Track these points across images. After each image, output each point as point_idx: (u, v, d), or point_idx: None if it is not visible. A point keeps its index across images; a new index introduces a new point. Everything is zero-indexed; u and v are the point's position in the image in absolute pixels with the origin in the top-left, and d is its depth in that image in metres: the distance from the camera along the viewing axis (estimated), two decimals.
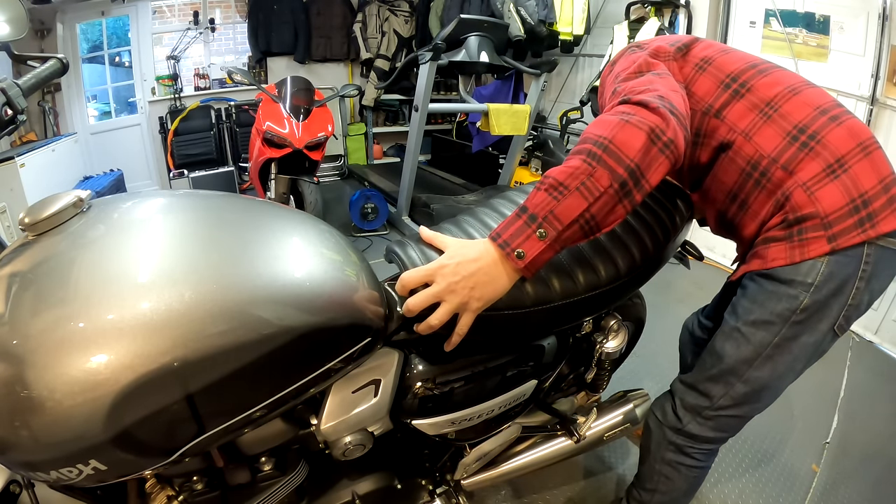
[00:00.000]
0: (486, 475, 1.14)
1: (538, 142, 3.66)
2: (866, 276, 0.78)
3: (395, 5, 4.44)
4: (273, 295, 0.57)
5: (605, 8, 3.57)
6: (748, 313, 0.86)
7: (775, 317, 0.83)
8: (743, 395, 0.90)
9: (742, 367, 0.88)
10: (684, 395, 0.98)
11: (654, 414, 1.04)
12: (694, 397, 0.96)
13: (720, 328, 0.93)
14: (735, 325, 0.88)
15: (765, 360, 0.86)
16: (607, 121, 0.68)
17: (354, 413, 0.78)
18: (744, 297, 0.88)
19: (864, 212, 0.75)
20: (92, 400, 0.47)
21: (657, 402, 1.06)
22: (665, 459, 1.02)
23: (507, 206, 0.94)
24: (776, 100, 0.82)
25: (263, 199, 2.14)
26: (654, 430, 1.03)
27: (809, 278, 0.78)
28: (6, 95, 0.84)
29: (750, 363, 0.87)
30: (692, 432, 0.97)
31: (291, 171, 2.65)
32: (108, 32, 3.84)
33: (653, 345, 1.47)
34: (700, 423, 0.95)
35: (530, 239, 0.65)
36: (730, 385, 0.90)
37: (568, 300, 0.83)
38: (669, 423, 1.00)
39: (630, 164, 0.64)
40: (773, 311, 0.83)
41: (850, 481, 1.52)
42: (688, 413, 0.97)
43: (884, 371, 2.10)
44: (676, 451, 1.00)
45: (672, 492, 1.05)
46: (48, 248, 0.55)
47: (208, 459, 0.72)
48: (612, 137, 0.65)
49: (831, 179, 0.76)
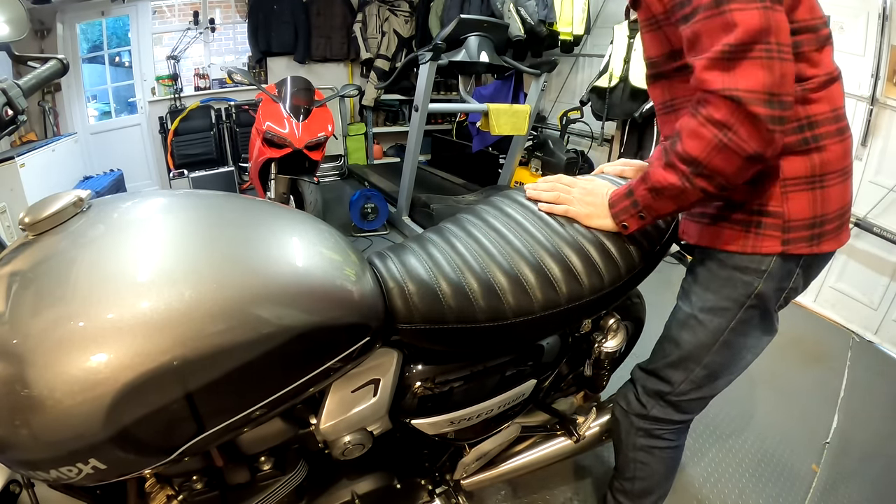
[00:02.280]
0: (485, 475, 1.14)
1: (538, 142, 3.66)
2: (804, 271, 0.84)
3: (395, 5, 4.44)
4: (273, 294, 0.57)
5: (605, 8, 3.57)
6: (702, 301, 0.88)
7: (731, 302, 0.85)
8: (703, 377, 0.93)
9: (700, 352, 0.90)
10: (645, 382, 1.00)
11: (619, 404, 1.06)
12: (654, 383, 0.98)
13: (674, 314, 0.96)
14: (690, 313, 0.90)
15: (722, 345, 0.89)
16: (702, 134, 0.67)
17: (354, 412, 0.78)
18: (696, 283, 0.90)
19: (817, 230, 0.79)
20: (92, 399, 0.47)
21: (620, 392, 1.07)
22: (637, 446, 1.04)
23: (509, 204, 0.94)
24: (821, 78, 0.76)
25: (263, 199, 2.14)
26: (621, 419, 1.05)
27: (763, 266, 0.81)
28: (7, 96, 0.84)
29: (708, 348, 0.89)
30: (657, 416, 0.99)
31: (291, 171, 2.65)
32: (108, 32, 3.84)
33: (653, 344, 1.47)
34: (663, 406, 0.98)
35: (633, 217, 0.83)
36: (689, 370, 0.93)
37: (573, 304, 0.82)
38: (634, 410, 1.02)
39: (722, 181, 0.70)
40: (728, 297, 0.85)
41: (850, 481, 1.52)
42: (650, 399, 0.99)
43: (884, 371, 2.10)
44: (646, 435, 1.02)
45: (651, 476, 1.07)
46: (48, 248, 0.55)
47: (208, 459, 0.72)
48: (708, 162, 0.69)
49: (808, 189, 0.77)
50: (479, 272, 0.78)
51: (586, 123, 3.48)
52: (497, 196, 0.99)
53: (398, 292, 0.75)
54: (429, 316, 0.74)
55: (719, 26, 0.63)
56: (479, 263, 0.80)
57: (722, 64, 0.63)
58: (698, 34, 0.66)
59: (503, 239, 0.84)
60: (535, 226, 0.87)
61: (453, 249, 0.83)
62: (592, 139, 3.49)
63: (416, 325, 0.74)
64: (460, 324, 0.75)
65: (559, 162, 3.32)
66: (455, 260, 0.81)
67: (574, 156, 3.32)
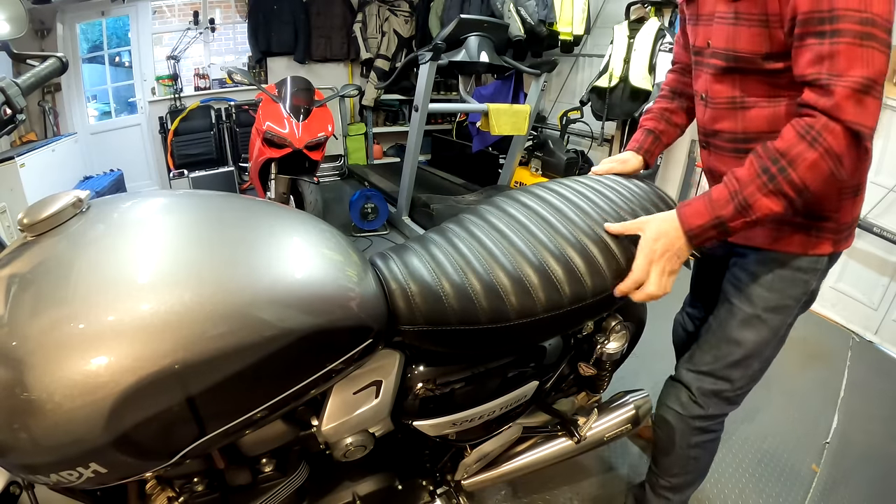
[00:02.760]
0: (486, 475, 1.13)
1: (538, 142, 3.66)
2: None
3: (395, 5, 4.43)
4: (274, 296, 0.57)
5: (605, 8, 3.56)
6: (765, 300, 0.93)
7: (793, 300, 0.93)
8: (758, 370, 1.00)
9: (763, 349, 0.96)
10: (701, 384, 1.02)
11: (673, 408, 1.07)
12: (712, 383, 1.01)
13: (730, 314, 0.97)
14: (754, 313, 0.94)
15: (780, 339, 0.97)
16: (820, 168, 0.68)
17: (355, 414, 0.78)
18: (756, 283, 0.93)
19: (853, 230, 0.91)
20: (92, 403, 0.47)
21: (670, 397, 1.08)
22: (693, 444, 1.08)
23: (511, 204, 0.94)
24: None
25: (263, 199, 2.14)
26: (676, 423, 1.07)
27: (819, 265, 0.90)
28: (5, 94, 0.83)
29: (769, 344, 0.96)
30: (715, 413, 1.03)
31: (291, 171, 2.64)
32: (108, 32, 3.83)
33: (653, 345, 1.47)
34: (721, 403, 1.03)
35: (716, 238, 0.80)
36: (749, 367, 0.98)
37: (576, 305, 0.81)
38: (691, 412, 1.04)
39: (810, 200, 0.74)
40: (791, 296, 0.92)
41: (850, 481, 1.51)
42: (708, 398, 1.02)
43: (884, 371, 2.10)
44: (702, 432, 1.06)
45: (700, 469, 1.15)
46: (47, 249, 0.55)
47: (209, 461, 0.72)
48: (815, 190, 0.71)
49: (852, 196, 0.87)
50: (482, 273, 0.78)
51: (586, 123, 3.48)
52: (499, 196, 0.98)
53: (401, 293, 0.74)
54: (431, 317, 0.74)
55: (861, 58, 0.64)
56: (482, 264, 0.79)
57: (858, 96, 0.65)
58: (837, 55, 0.66)
59: (506, 240, 0.84)
60: (538, 226, 0.86)
61: (456, 250, 0.83)
62: (592, 139, 3.49)
63: (418, 326, 0.74)
64: (463, 325, 0.75)
65: (559, 162, 3.32)
66: (458, 261, 0.80)
67: (574, 156, 3.32)
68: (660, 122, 1.14)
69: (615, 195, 0.95)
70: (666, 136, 1.14)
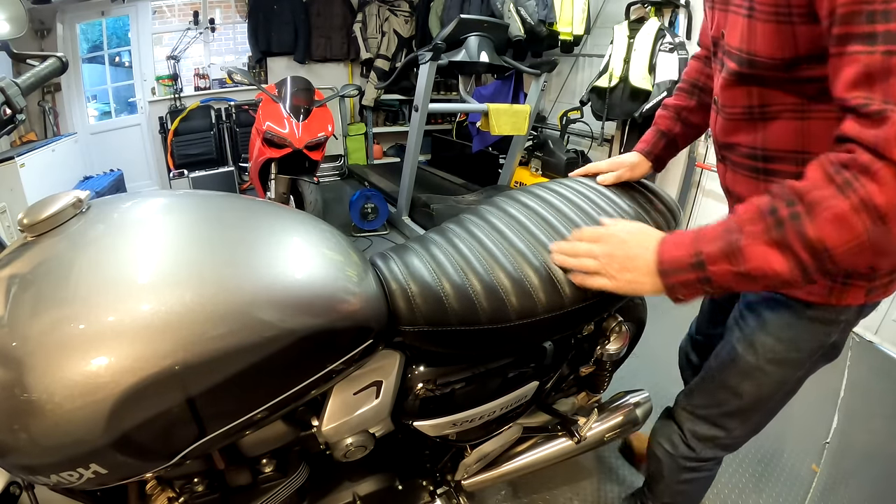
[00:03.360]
0: (486, 476, 1.13)
1: (538, 142, 3.66)
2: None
3: (395, 5, 4.43)
4: (274, 297, 0.57)
5: (605, 8, 3.56)
6: (771, 351, 0.79)
7: (804, 353, 0.79)
8: (759, 422, 0.90)
9: (763, 403, 0.86)
10: (695, 427, 0.94)
11: (662, 445, 1.01)
12: (707, 429, 0.93)
13: (731, 359, 0.85)
14: (756, 364, 0.81)
15: (786, 393, 0.85)
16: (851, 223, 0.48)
17: (356, 415, 0.78)
18: (762, 330, 0.80)
19: (893, 276, 0.72)
20: (92, 403, 0.47)
21: (662, 433, 1.02)
22: (681, 480, 1.02)
23: (511, 204, 0.93)
24: None
25: (263, 199, 2.14)
26: (665, 460, 1.01)
27: (843, 315, 0.74)
28: (5, 94, 0.83)
29: (771, 398, 0.85)
30: (707, 456, 0.96)
31: (291, 171, 2.64)
32: (108, 32, 3.83)
33: (653, 345, 1.47)
34: (713, 448, 0.95)
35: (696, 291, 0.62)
36: (748, 419, 0.89)
37: (577, 306, 0.81)
38: (681, 453, 0.97)
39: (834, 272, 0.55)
40: (801, 348, 0.78)
41: (850, 481, 1.51)
42: (701, 443, 0.94)
43: (884, 371, 2.09)
44: (692, 471, 1.00)
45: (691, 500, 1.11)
46: (47, 249, 0.55)
47: (209, 461, 0.72)
48: (841, 259, 0.51)
49: None
50: (483, 274, 0.78)
51: (586, 123, 3.48)
52: (499, 196, 0.98)
53: (401, 294, 0.74)
54: (432, 318, 0.74)
55: None
56: (483, 265, 0.79)
57: None
58: (891, 71, 0.46)
59: (506, 240, 0.84)
60: (539, 227, 0.86)
61: (456, 250, 0.83)
62: (592, 139, 3.49)
63: (418, 326, 0.74)
64: (463, 326, 0.75)
65: (559, 162, 3.32)
66: (458, 261, 0.80)
67: (574, 156, 3.32)
68: (675, 122, 0.98)
69: (616, 195, 0.95)
70: (682, 139, 1.00)
